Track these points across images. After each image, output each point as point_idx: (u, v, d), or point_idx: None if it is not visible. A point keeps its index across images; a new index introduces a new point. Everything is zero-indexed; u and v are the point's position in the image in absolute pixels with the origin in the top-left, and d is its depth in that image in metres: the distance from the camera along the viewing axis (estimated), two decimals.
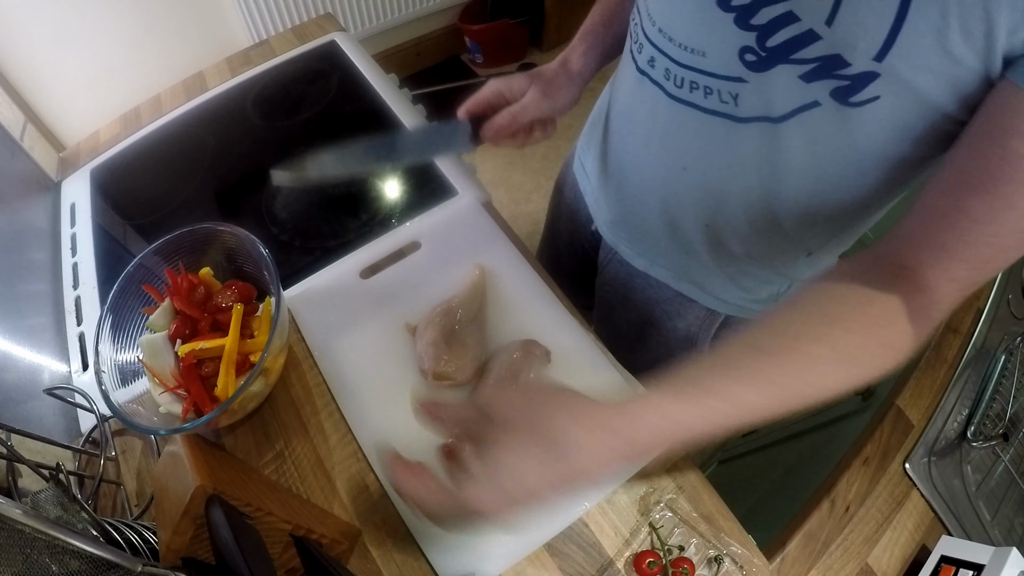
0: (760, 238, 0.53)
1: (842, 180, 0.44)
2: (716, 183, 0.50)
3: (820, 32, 0.35)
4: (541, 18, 2.18)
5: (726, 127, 0.44)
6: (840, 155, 0.41)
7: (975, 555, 0.47)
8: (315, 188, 0.77)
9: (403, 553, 0.50)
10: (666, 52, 0.45)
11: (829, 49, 0.35)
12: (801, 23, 0.35)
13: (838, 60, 0.35)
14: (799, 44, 0.36)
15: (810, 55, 0.36)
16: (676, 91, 0.46)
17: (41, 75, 1.05)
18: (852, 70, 0.35)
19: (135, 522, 0.46)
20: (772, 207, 0.48)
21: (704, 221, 0.54)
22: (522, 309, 0.61)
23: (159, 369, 0.52)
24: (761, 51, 0.38)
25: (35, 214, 0.79)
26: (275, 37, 1.01)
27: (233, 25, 1.48)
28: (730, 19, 0.39)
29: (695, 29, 0.42)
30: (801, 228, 0.50)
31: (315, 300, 0.65)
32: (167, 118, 0.90)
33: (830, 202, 0.46)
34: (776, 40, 0.37)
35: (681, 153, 0.50)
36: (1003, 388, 0.61)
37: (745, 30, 0.38)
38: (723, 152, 0.47)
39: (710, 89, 0.43)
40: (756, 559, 0.48)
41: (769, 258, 0.56)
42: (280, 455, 0.56)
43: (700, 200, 0.52)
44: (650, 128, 0.52)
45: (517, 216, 1.86)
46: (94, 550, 0.33)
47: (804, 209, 0.47)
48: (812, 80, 0.37)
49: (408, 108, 0.85)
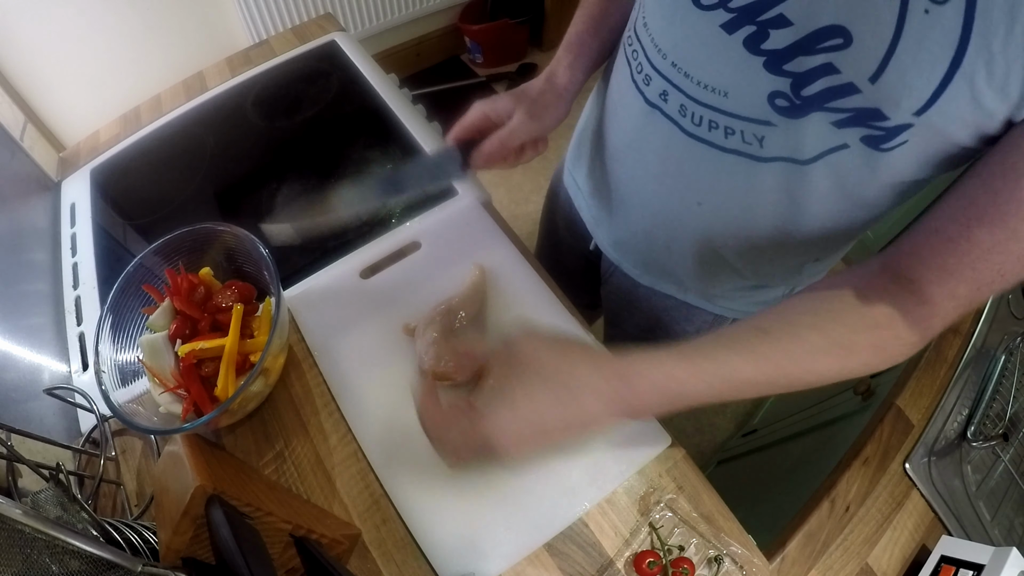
0: (771, 260, 0.53)
1: (861, 205, 0.44)
2: (732, 217, 0.49)
3: (861, 87, 0.35)
4: (541, 18, 2.18)
5: (746, 165, 0.44)
6: (863, 188, 0.42)
7: (975, 555, 0.47)
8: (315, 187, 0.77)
9: (403, 553, 0.50)
10: (681, 88, 0.44)
11: (868, 103, 0.35)
12: (841, 75, 0.35)
13: (877, 114, 0.35)
14: (837, 94, 0.36)
15: (847, 105, 0.36)
16: (693, 129, 0.45)
17: (41, 75, 1.05)
18: (889, 123, 0.35)
19: (135, 522, 0.46)
20: (787, 233, 0.48)
21: (715, 249, 0.54)
22: (522, 309, 0.61)
23: (159, 369, 0.52)
24: (796, 99, 0.38)
25: (35, 214, 0.79)
26: (275, 37, 1.01)
27: (233, 25, 1.48)
28: (759, 63, 0.38)
29: (716, 68, 0.41)
30: (814, 245, 0.50)
31: (315, 300, 0.65)
32: (167, 118, 0.90)
33: (846, 221, 0.46)
34: (812, 89, 0.37)
35: (696, 189, 0.49)
36: (1003, 388, 0.61)
37: (777, 75, 0.38)
38: (742, 189, 0.46)
39: (732, 129, 0.42)
40: (756, 559, 0.48)
41: (778, 275, 0.57)
42: (280, 455, 0.56)
43: (713, 232, 0.52)
44: (662, 163, 0.50)
45: (517, 216, 1.86)
46: (94, 550, 0.33)
47: (819, 230, 0.47)
48: (844, 127, 0.37)
49: (408, 108, 0.85)
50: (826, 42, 0.34)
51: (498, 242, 0.67)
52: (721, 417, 1.51)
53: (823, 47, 0.35)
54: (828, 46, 0.34)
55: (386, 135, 0.81)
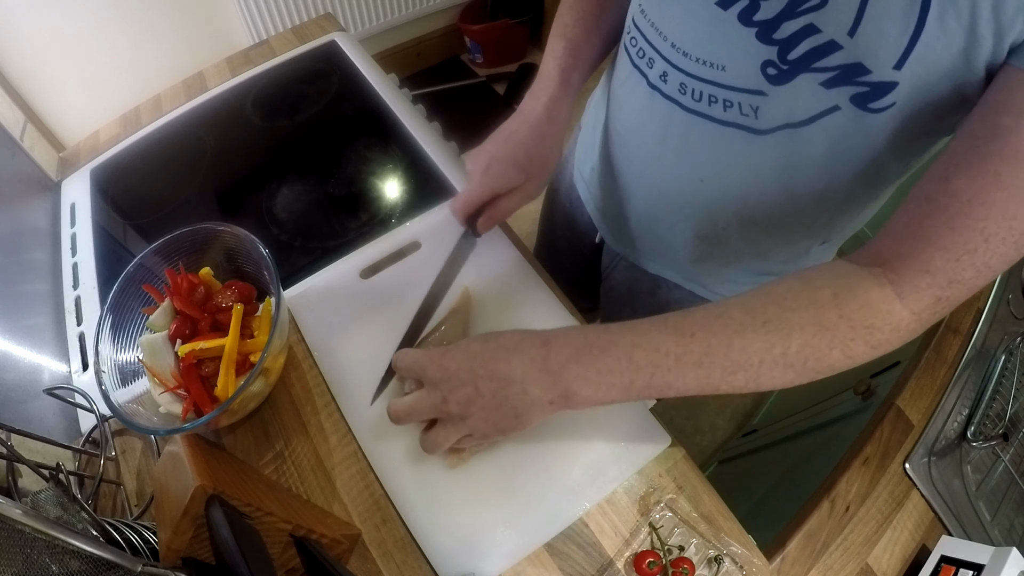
0: (776, 236, 0.53)
1: (859, 175, 0.44)
2: (734, 191, 0.50)
3: (842, 42, 0.35)
4: (541, 18, 2.18)
5: (744, 138, 0.45)
6: (858, 152, 0.42)
7: (975, 555, 0.47)
8: (315, 188, 0.77)
9: (403, 553, 0.50)
10: (680, 67, 0.45)
11: (850, 58, 0.36)
12: (823, 34, 0.36)
13: (859, 68, 0.36)
14: (821, 54, 0.37)
15: (831, 63, 0.37)
16: (693, 104, 0.46)
17: (41, 75, 1.05)
18: (872, 78, 0.36)
19: (135, 522, 0.46)
20: (790, 204, 0.48)
21: (720, 227, 0.54)
22: (522, 309, 0.61)
23: (159, 369, 0.52)
24: (783, 64, 0.39)
25: (35, 214, 0.79)
26: (275, 37, 1.01)
27: (233, 25, 1.48)
28: (752, 34, 0.39)
29: (713, 43, 0.42)
30: (817, 218, 0.50)
31: (315, 300, 0.65)
32: (167, 118, 0.90)
33: (846, 189, 0.46)
34: (797, 52, 0.37)
35: (697, 165, 0.50)
36: (1003, 388, 0.61)
37: (768, 44, 0.38)
38: (742, 162, 0.47)
39: (729, 102, 0.43)
40: (756, 559, 0.48)
41: (783, 257, 0.57)
42: (280, 455, 0.56)
43: (717, 209, 0.52)
44: (663, 142, 0.51)
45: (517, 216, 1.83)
46: (94, 550, 0.33)
47: (821, 200, 0.47)
48: (832, 87, 0.38)
49: (408, 108, 0.85)
50: (806, 3, 0.35)
51: (498, 242, 0.67)
52: (721, 417, 1.51)
53: (803, 8, 0.35)
54: (808, 7, 0.35)
55: (386, 135, 0.81)
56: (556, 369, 0.40)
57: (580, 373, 0.40)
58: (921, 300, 0.35)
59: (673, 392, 0.40)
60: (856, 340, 0.37)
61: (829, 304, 0.37)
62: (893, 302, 0.36)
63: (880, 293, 0.36)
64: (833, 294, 0.37)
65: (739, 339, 0.37)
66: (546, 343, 0.41)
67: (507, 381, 0.41)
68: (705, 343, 0.38)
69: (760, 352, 0.37)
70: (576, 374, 0.40)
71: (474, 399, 0.42)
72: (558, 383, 0.40)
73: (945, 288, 0.35)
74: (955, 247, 0.33)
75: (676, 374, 0.39)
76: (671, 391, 0.40)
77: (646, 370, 0.39)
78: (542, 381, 0.40)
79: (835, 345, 0.37)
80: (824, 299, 0.37)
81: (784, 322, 0.37)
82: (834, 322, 0.37)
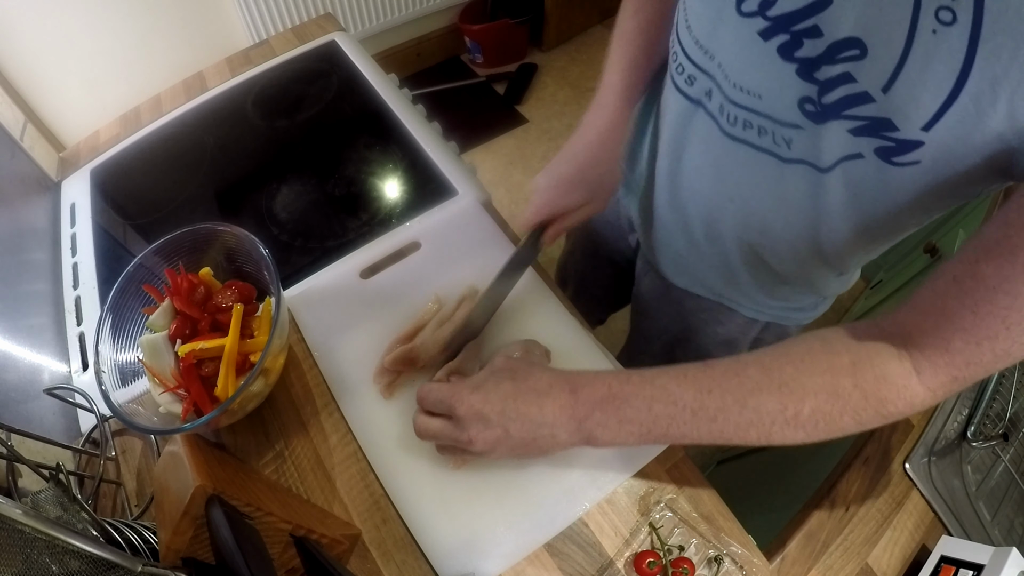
0: (800, 264, 0.54)
1: (875, 221, 0.44)
2: (760, 216, 0.50)
3: (875, 96, 0.35)
4: (541, 18, 2.18)
5: (773, 165, 0.45)
6: (879, 203, 0.42)
7: (975, 555, 0.47)
8: (315, 188, 0.77)
9: (403, 553, 0.50)
10: (722, 88, 0.45)
11: (881, 113, 0.36)
12: (858, 84, 0.36)
13: (888, 123, 0.36)
14: (853, 102, 0.37)
15: (862, 113, 0.37)
16: (729, 128, 0.46)
17: (41, 75, 1.05)
18: (900, 135, 0.36)
19: (135, 522, 0.46)
20: (814, 239, 0.49)
21: (745, 248, 0.55)
22: (522, 309, 0.61)
23: (159, 369, 0.52)
24: (818, 105, 0.39)
25: (35, 214, 0.79)
26: (275, 37, 1.01)
27: (233, 25, 1.48)
28: (792, 69, 0.39)
29: (752, 72, 0.42)
30: (840, 255, 0.51)
31: (315, 300, 0.65)
32: (167, 118, 0.90)
33: (869, 235, 0.47)
34: (832, 97, 0.38)
35: (728, 185, 0.51)
36: (1003, 388, 0.61)
37: (808, 82, 0.39)
38: (769, 188, 0.47)
39: (764, 130, 0.44)
40: (756, 559, 0.48)
41: (807, 279, 0.58)
42: (280, 455, 0.56)
43: (743, 231, 0.53)
44: (702, 157, 0.52)
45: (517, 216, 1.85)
46: (94, 550, 0.33)
47: (844, 241, 0.48)
48: (860, 135, 0.38)
49: (408, 108, 0.85)
50: (845, 52, 0.35)
51: (498, 242, 0.67)
52: None
53: (842, 57, 0.36)
54: (847, 56, 0.35)
55: (386, 135, 0.81)
56: (582, 416, 0.43)
57: (603, 421, 0.43)
58: (937, 377, 0.36)
59: (687, 441, 0.42)
60: (868, 410, 0.38)
61: (846, 372, 0.38)
62: (909, 377, 0.37)
63: (899, 367, 0.37)
64: (852, 362, 0.38)
65: (754, 399, 0.39)
66: (574, 390, 0.44)
67: (537, 424, 0.44)
68: (721, 400, 0.40)
69: (773, 413, 0.39)
70: (599, 421, 0.43)
71: (503, 440, 0.44)
72: (582, 429, 0.44)
73: (962, 369, 0.35)
74: (976, 331, 0.33)
75: (691, 427, 0.41)
76: (685, 440, 0.42)
77: (663, 421, 0.42)
78: (569, 427, 0.44)
79: (847, 412, 0.38)
80: (842, 366, 0.38)
81: (799, 386, 0.39)
82: (848, 391, 0.38)
